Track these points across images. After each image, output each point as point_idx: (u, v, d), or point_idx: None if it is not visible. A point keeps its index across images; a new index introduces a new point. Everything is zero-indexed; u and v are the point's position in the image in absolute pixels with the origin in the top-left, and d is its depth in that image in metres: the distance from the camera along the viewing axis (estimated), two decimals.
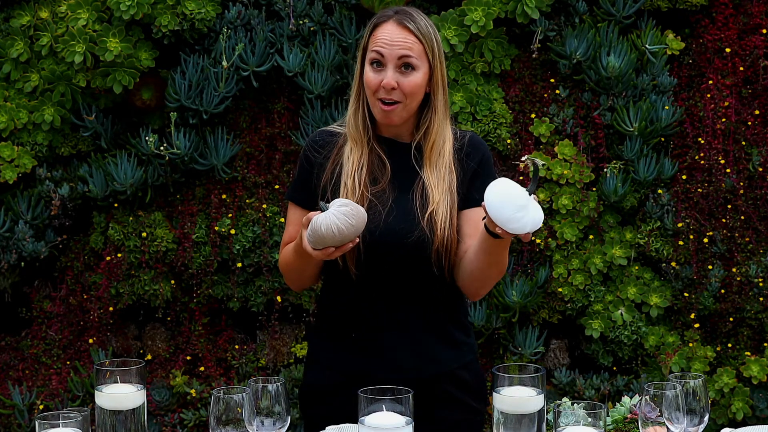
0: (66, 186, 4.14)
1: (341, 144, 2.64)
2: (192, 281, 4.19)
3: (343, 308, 2.65)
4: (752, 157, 4.16)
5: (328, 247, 2.41)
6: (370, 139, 2.61)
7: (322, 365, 2.69)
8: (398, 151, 2.63)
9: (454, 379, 2.64)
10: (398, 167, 2.61)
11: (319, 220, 2.38)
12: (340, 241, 2.39)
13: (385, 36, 2.55)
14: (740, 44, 4.18)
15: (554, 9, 4.18)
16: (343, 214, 2.37)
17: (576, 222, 4.14)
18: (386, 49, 2.53)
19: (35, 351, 4.24)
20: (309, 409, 2.71)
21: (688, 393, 2.16)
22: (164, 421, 4.20)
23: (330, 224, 2.36)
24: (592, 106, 4.17)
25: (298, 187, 2.67)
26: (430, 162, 2.59)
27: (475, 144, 2.66)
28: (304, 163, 2.67)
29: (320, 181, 2.63)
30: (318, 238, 2.39)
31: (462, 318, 2.71)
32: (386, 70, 2.54)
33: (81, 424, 2.02)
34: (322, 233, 2.37)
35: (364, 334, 2.61)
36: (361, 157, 2.59)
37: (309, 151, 2.66)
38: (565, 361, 4.31)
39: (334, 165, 2.62)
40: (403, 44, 2.53)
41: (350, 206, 2.39)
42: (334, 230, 2.36)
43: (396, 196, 2.58)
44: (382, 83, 2.53)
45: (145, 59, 4.07)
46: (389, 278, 2.57)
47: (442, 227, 2.54)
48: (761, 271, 4.11)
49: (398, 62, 2.53)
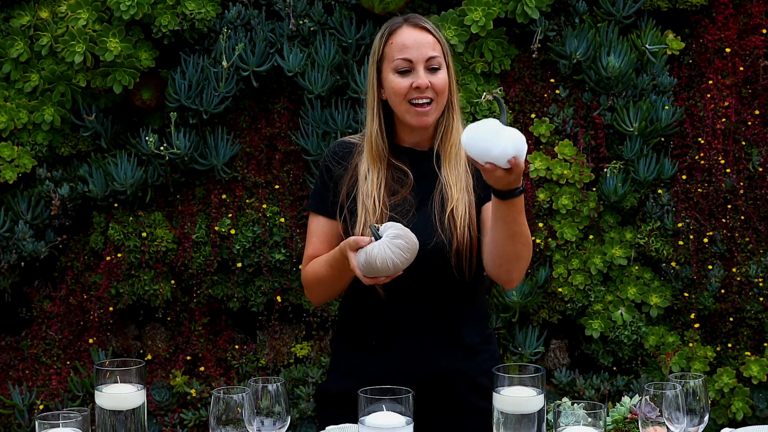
0: (66, 186, 4.14)
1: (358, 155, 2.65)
2: (192, 281, 4.19)
3: (363, 317, 2.65)
4: (752, 157, 4.15)
5: (379, 277, 2.42)
6: (387, 154, 2.62)
7: (340, 372, 2.70)
8: (419, 160, 2.64)
9: (475, 386, 2.63)
10: (419, 175, 2.62)
11: (374, 251, 2.38)
12: (391, 273, 2.41)
13: (406, 41, 2.57)
14: (740, 44, 4.18)
15: (554, 9, 4.18)
16: (398, 247, 2.38)
17: (576, 222, 4.14)
18: (413, 53, 2.56)
19: (35, 351, 4.24)
20: (323, 412, 2.72)
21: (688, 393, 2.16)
22: (164, 421, 4.20)
23: (386, 258, 2.37)
24: (592, 106, 4.17)
25: (320, 197, 2.67)
26: (449, 162, 2.60)
27: None
28: (324, 174, 2.67)
29: (339, 191, 2.63)
30: (372, 270, 2.39)
31: (483, 327, 2.70)
32: (415, 72, 2.56)
33: (81, 424, 2.02)
34: (377, 267, 2.38)
35: (383, 341, 2.62)
36: (378, 175, 2.60)
37: (330, 162, 2.67)
38: (565, 361, 4.31)
39: (352, 177, 2.63)
40: (428, 45, 2.57)
41: (404, 238, 2.39)
42: (389, 264, 2.38)
43: (417, 204, 2.58)
44: (414, 85, 2.55)
45: (145, 59, 4.07)
46: (410, 287, 2.57)
47: (462, 225, 2.55)
48: (761, 271, 4.11)
49: (427, 63, 2.56)
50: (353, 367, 2.66)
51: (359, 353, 2.66)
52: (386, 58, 2.59)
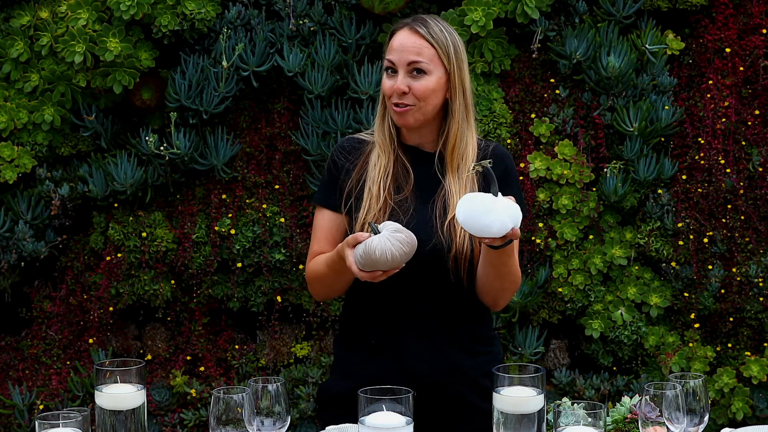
0: (66, 186, 4.14)
1: (368, 151, 2.67)
2: (192, 281, 4.19)
3: (363, 318, 2.66)
4: (752, 157, 4.15)
5: (376, 271, 2.42)
6: (395, 147, 2.64)
7: (341, 373, 2.71)
8: (422, 160, 2.65)
9: (476, 387, 2.63)
10: (421, 176, 2.63)
11: (373, 243, 2.38)
12: (390, 266, 2.41)
13: (395, 43, 2.61)
14: (740, 44, 4.18)
15: (554, 9, 4.18)
16: (398, 240, 2.39)
17: (576, 222, 4.14)
18: (395, 56, 2.59)
19: (35, 351, 4.24)
20: (324, 412, 2.72)
21: (688, 393, 2.16)
22: (164, 421, 4.20)
23: (385, 249, 2.37)
24: (592, 106, 4.17)
25: (327, 191, 2.68)
26: (452, 168, 2.62)
27: (498, 155, 2.66)
28: (332, 168, 2.69)
29: (345, 186, 2.64)
30: (370, 262, 2.39)
31: (483, 328, 2.70)
32: (397, 75, 2.58)
33: (81, 424, 2.02)
34: (375, 257, 2.38)
35: (383, 341, 2.62)
36: (387, 165, 2.62)
37: (337, 156, 2.69)
38: (565, 361, 4.31)
39: (360, 172, 2.65)
40: (412, 50, 2.58)
41: (404, 233, 2.40)
42: (388, 256, 2.38)
43: (417, 205, 2.59)
44: (393, 88, 2.58)
45: (145, 59, 4.07)
46: (408, 286, 2.58)
47: (462, 234, 2.55)
48: (761, 271, 4.11)
49: (408, 67, 2.58)
50: (353, 368, 2.67)
51: (359, 354, 2.67)
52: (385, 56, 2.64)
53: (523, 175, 4.11)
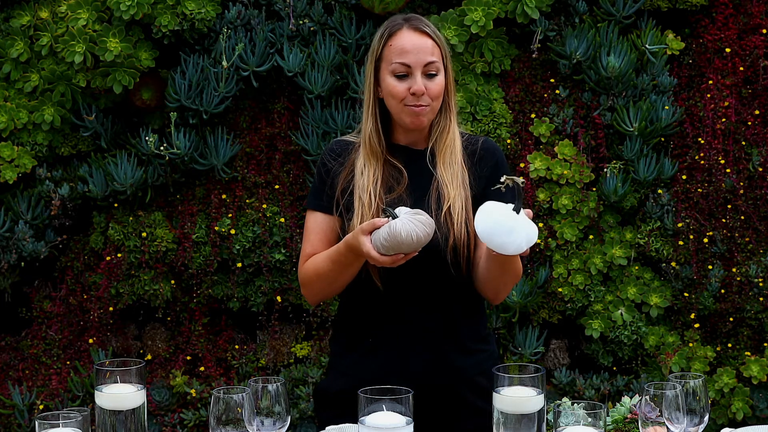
0: (66, 186, 4.14)
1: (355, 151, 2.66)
2: (192, 281, 4.19)
3: (360, 316, 2.66)
4: (752, 157, 4.15)
5: (398, 254, 2.42)
6: (383, 151, 2.63)
7: (338, 372, 2.70)
8: (414, 158, 2.64)
9: (473, 386, 2.63)
10: (414, 173, 2.63)
11: (397, 226, 2.40)
12: (414, 248, 2.42)
13: (406, 45, 2.57)
14: (740, 44, 4.18)
15: (554, 9, 4.18)
16: (420, 221, 2.41)
17: (576, 222, 4.14)
18: (412, 58, 2.56)
19: (35, 351, 4.24)
20: (321, 410, 2.72)
21: (688, 393, 2.16)
22: (164, 421, 4.20)
23: (410, 231, 2.39)
24: (592, 106, 4.17)
25: (318, 195, 2.68)
26: (444, 160, 2.61)
27: (488, 149, 2.66)
28: (321, 172, 2.68)
29: (335, 187, 2.64)
30: (395, 244, 2.41)
31: (480, 327, 2.70)
32: (413, 77, 2.56)
33: (81, 424, 2.02)
34: (401, 239, 2.40)
35: (380, 340, 2.62)
36: (375, 172, 2.61)
37: (327, 159, 2.68)
38: (565, 361, 4.31)
39: (348, 174, 2.64)
40: (427, 50, 2.57)
41: (423, 214, 2.43)
42: (413, 237, 2.40)
43: (413, 202, 2.59)
44: (412, 90, 2.55)
45: (145, 59, 4.07)
46: (407, 284, 2.57)
47: (459, 221, 2.56)
48: (761, 271, 4.11)
49: (424, 69, 2.56)
50: (350, 366, 2.66)
51: (356, 352, 2.66)
52: (384, 60, 2.59)
53: (523, 175, 4.11)
